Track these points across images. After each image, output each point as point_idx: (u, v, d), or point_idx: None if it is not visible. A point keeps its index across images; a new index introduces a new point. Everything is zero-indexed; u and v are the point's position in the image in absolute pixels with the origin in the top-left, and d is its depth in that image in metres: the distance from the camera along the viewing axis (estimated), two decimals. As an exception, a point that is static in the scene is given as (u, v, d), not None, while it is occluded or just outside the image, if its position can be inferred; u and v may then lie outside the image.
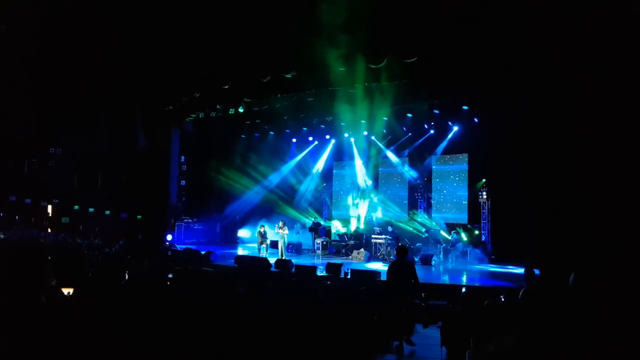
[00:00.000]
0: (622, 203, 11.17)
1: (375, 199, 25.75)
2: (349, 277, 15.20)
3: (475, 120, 21.71)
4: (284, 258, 18.82)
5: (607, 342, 2.07)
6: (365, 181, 26.39)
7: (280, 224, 20.88)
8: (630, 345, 2.03)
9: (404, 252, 9.55)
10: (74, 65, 21.36)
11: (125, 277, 4.90)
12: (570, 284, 2.34)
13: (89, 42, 19.57)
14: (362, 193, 26.18)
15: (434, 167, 24.49)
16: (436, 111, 22.08)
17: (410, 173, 25.05)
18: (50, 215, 25.49)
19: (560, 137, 12.92)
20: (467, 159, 23.45)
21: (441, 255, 20.58)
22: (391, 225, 22.29)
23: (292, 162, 28.68)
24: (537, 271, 13.49)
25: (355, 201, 26.20)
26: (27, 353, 2.37)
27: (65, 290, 3.56)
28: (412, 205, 24.97)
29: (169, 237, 24.86)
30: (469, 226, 22.38)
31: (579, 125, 12.26)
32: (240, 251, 22.72)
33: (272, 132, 28.27)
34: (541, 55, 12.96)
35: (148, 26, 18.93)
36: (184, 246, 22.00)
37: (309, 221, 26.01)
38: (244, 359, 3.97)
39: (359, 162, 26.70)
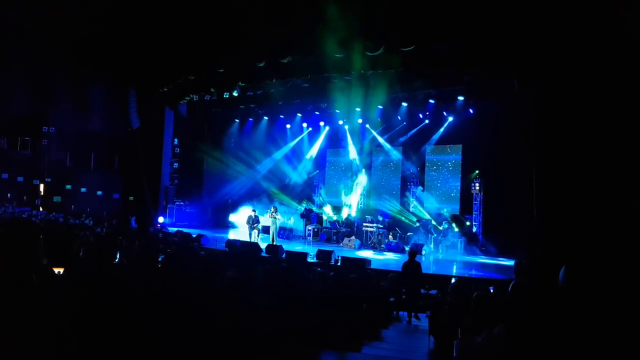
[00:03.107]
0: (617, 197, 11.22)
1: (363, 177, 25.82)
2: (339, 264, 15.28)
3: (471, 111, 21.71)
4: (275, 243, 18.83)
5: (595, 338, 2.08)
6: (356, 160, 26.53)
7: (272, 209, 20.91)
8: (619, 342, 2.05)
9: (414, 254, 11.99)
10: (69, 44, 21.18)
11: (116, 258, 4.89)
12: (560, 278, 2.36)
13: (84, 20, 19.38)
14: (354, 173, 26.29)
15: (427, 157, 24.52)
16: (432, 101, 22.08)
17: (403, 162, 25.09)
18: (42, 194, 25.38)
19: (554, 130, 12.95)
20: (461, 150, 23.51)
21: (432, 245, 20.65)
22: (382, 215, 22.37)
23: (286, 148, 28.62)
24: (528, 264, 13.56)
25: (351, 186, 26.25)
26: (18, 332, 2.37)
27: (56, 270, 3.56)
28: (405, 195, 24.99)
29: (161, 219, 24.84)
30: (460, 217, 22.47)
31: (575, 118, 12.28)
32: (232, 235, 22.69)
33: (266, 118, 28.24)
34: (541, 43, 12.97)
35: (144, 7, 18.77)
36: (175, 229, 21.98)
37: (300, 207, 26.03)
38: (232, 343, 3.99)
39: (352, 150, 26.70)
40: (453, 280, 12.11)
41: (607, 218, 11.02)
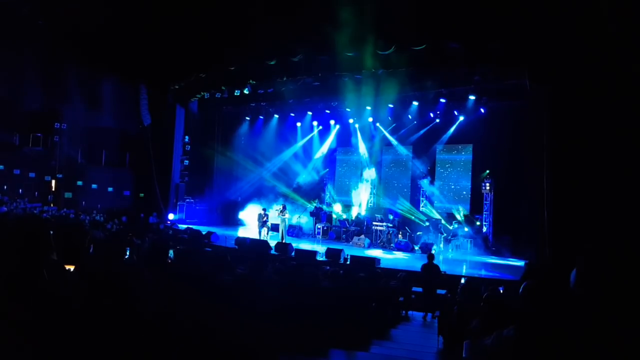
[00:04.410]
0: (630, 198, 11.13)
1: (371, 172, 25.73)
2: (348, 263, 15.26)
3: (482, 110, 21.57)
4: (284, 242, 18.84)
5: (606, 341, 2.06)
6: (364, 155, 26.48)
7: (281, 207, 20.93)
8: (630, 345, 2.03)
9: (432, 257, 12.18)
10: (81, 41, 21.29)
11: (126, 254, 4.91)
12: (571, 280, 2.33)
13: (96, 17, 19.46)
14: (364, 170, 26.22)
15: (438, 156, 24.44)
16: (442, 100, 22.00)
17: (413, 161, 25.01)
18: (53, 190, 25.54)
19: (566, 130, 12.87)
20: (471, 150, 23.42)
21: (441, 245, 20.58)
22: (391, 214, 22.33)
23: (296, 146, 28.60)
24: (538, 265, 13.49)
25: (359, 184, 26.18)
26: (29, 327, 2.38)
27: (67, 267, 3.57)
28: (415, 194, 24.92)
29: (171, 216, 24.95)
30: (470, 216, 22.36)
31: (587, 118, 12.20)
32: (241, 232, 22.74)
33: (276, 116, 28.25)
34: (552, 42, 12.90)
35: (156, 4, 18.83)
36: (185, 225, 22.06)
37: (310, 205, 26.02)
38: (240, 340, 3.99)
39: (362, 148, 26.64)
40: (463, 281, 12.10)
41: (621, 219, 10.93)
